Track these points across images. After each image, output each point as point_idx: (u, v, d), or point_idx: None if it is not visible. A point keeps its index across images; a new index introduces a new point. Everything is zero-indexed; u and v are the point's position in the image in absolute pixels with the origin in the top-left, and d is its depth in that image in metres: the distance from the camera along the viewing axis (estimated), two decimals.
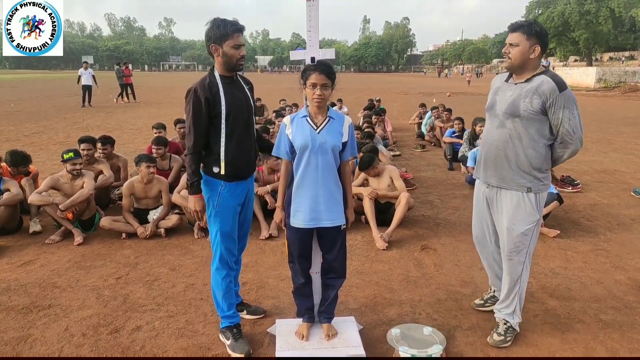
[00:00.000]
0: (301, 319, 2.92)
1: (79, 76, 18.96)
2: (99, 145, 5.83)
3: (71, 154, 4.76)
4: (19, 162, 5.30)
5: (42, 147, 9.70)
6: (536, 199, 2.74)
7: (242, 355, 2.78)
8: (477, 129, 7.54)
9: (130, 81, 21.54)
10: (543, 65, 2.74)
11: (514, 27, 2.64)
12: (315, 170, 2.60)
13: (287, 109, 10.98)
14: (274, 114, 10.59)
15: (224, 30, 2.62)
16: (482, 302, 3.35)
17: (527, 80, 2.66)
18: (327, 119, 2.64)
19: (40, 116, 15.26)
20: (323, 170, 2.61)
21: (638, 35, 49.12)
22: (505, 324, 2.96)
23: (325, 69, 2.55)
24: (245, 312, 3.23)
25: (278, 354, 2.73)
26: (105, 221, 4.75)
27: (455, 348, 2.89)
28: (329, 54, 2.88)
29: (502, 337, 2.92)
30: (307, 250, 2.80)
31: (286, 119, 2.70)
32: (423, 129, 11.16)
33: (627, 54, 54.14)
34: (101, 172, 5.48)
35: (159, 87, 34.17)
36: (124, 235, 4.73)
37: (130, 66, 22.51)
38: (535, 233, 2.81)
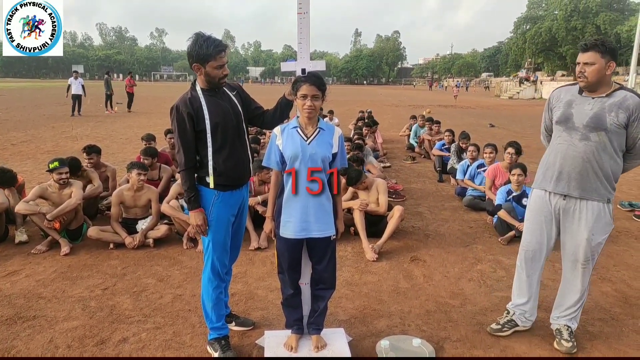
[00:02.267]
0: (290, 331, 2.90)
1: (69, 85, 18.87)
2: (84, 155, 5.76)
3: (56, 164, 4.72)
4: (5, 182, 5.09)
5: (29, 156, 9.60)
6: (611, 209, 2.85)
7: None
8: (462, 145, 7.79)
9: (132, 91, 21.52)
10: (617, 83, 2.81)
11: (588, 47, 2.68)
12: (304, 183, 2.61)
13: None
14: None
15: (206, 51, 2.57)
16: (499, 327, 3.17)
17: (608, 95, 2.72)
18: (318, 130, 2.65)
19: (28, 125, 15.13)
20: (314, 182, 2.61)
21: (623, 52, 50.15)
22: (567, 329, 3.00)
23: (316, 81, 2.57)
24: (234, 323, 3.19)
25: None
26: (92, 231, 4.70)
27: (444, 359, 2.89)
28: (319, 66, 2.91)
29: (572, 343, 2.96)
30: (297, 260, 2.79)
31: (276, 130, 2.70)
32: (412, 141, 11.27)
33: None
34: (90, 181, 5.44)
35: (150, 97, 34.07)
36: (111, 245, 4.68)
37: (136, 77, 22.59)
38: (604, 242, 2.92)
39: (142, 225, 4.87)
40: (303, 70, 2.77)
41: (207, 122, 2.63)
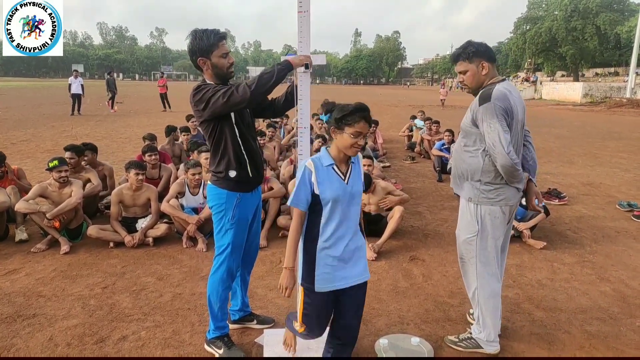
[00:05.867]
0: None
1: (70, 84, 18.86)
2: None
3: (56, 162, 4.72)
4: None
5: (29, 155, 9.60)
6: (476, 210, 2.76)
7: None
8: None
9: (164, 91, 21.60)
10: (501, 78, 2.76)
11: (454, 58, 2.77)
12: (346, 224, 2.29)
13: (277, 120, 10.97)
14: (265, 124, 10.57)
15: (208, 41, 2.57)
16: (456, 339, 3.14)
17: (476, 95, 2.75)
18: (350, 165, 2.34)
19: (28, 124, 15.13)
20: (354, 222, 2.34)
21: (623, 52, 50.19)
22: (469, 333, 2.99)
23: (370, 117, 2.26)
24: (255, 321, 3.22)
25: None
26: (92, 230, 4.70)
27: (443, 358, 2.89)
28: (319, 60, 2.82)
29: (456, 340, 2.98)
30: (330, 316, 2.42)
31: (309, 164, 2.25)
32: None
33: (612, 70, 55.24)
34: (89, 180, 5.44)
35: (150, 96, 34.06)
36: (111, 244, 4.68)
37: (164, 76, 22.71)
38: (479, 244, 2.79)
39: (141, 224, 4.88)
40: (306, 66, 2.72)
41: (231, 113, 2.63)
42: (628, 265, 4.42)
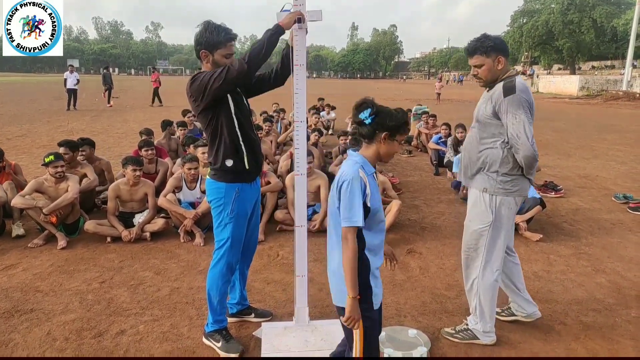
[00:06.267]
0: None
1: (65, 79, 18.76)
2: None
3: (52, 157, 4.71)
4: None
5: (25, 151, 9.56)
6: (491, 200, 2.77)
7: (238, 355, 2.79)
8: (459, 135, 7.78)
9: (157, 85, 21.69)
10: (516, 71, 2.80)
11: (471, 51, 2.76)
12: (384, 230, 2.21)
13: (274, 114, 10.95)
14: (262, 118, 10.55)
15: (217, 38, 2.56)
16: (499, 310, 3.22)
17: (491, 88, 2.78)
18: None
19: (24, 119, 15.05)
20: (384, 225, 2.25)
21: (619, 45, 50.19)
22: (466, 324, 3.01)
23: None
24: (253, 315, 3.23)
25: (264, 357, 2.73)
26: (89, 225, 4.69)
27: (440, 350, 2.92)
28: (316, 16, 2.79)
29: (452, 332, 3.01)
30: None
31: (363, 176, 2.03)
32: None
33: (608, 63, 55.28)
34: (85, 175, 5.42)
35: (146, 91, 33.88)
36: (108, 239, 4.68)
37: (160, 70, 22.58)
38: (491, 235, 2.81)
39: (139, 218, 4.88)
40: (299, 20, 2.68)
41: (230, 100, 2.62)
42: (623, 257, 4.45)
